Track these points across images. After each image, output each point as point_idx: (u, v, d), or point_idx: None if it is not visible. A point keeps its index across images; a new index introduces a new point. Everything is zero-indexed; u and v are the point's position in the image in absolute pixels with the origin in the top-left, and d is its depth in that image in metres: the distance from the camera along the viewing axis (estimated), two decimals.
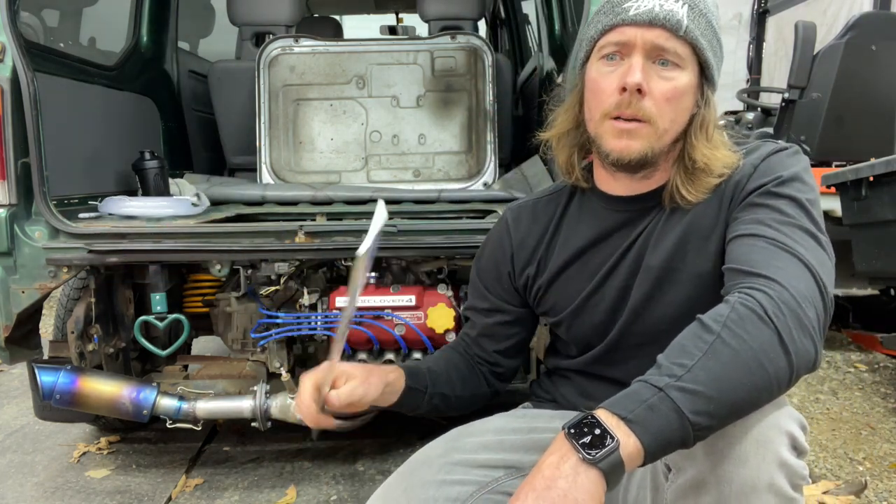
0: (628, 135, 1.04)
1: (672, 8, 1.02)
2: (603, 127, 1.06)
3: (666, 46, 1.02)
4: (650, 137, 1.04)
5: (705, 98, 1.07)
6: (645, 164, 1.07)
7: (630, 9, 1.03)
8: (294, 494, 2.03)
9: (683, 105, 1.05)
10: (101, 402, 1.85)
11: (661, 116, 1.03)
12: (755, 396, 0.83)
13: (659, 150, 1.06)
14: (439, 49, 2.67)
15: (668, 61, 1.03)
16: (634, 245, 1.13)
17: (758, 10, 5.94)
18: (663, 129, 1.04)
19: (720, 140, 1.09)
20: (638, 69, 1.01)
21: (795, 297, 0.86)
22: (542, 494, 0.78)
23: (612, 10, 1.05)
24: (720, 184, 1.07)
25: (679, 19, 1.01)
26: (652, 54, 1.03)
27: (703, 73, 1.07)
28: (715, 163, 1.06)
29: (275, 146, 2.69)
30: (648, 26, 1.02)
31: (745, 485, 0.85)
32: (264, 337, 1.93)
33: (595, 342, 1.18)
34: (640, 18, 1.02)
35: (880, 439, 2.38)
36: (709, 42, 1.05)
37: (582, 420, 0.81)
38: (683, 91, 1.04)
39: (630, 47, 1.03)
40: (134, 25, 2.78)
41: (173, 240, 1.81)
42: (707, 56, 1.05)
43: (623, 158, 1.05)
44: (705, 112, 1.07)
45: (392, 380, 1.11)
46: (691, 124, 1.07)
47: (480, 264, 1.30)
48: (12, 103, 1.72)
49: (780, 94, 3.60)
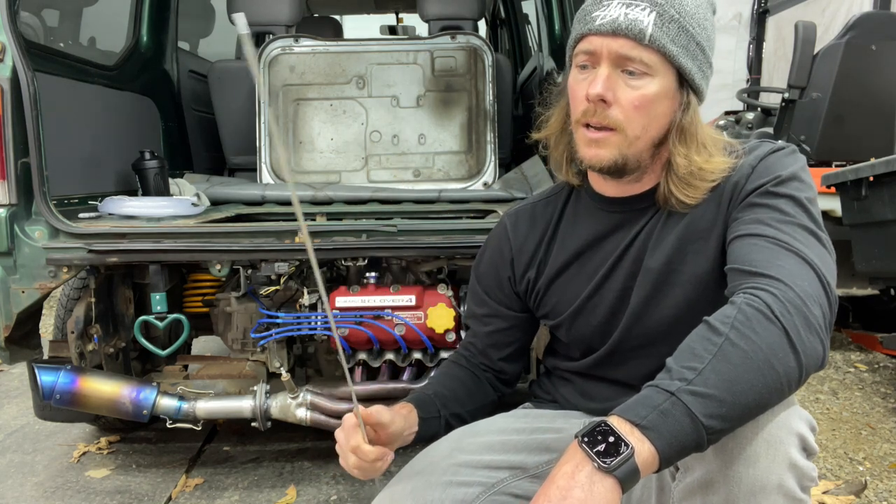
0: (596, 144, 1.05)
1: (637, 17, 1.01)
2: (578, 134, 1.08)
3: (631, 55, 1.02)
4: (619, 145, 1.04)
5: (684, 104, 1.06)
6: (623, 170, 1.07)
7: (596, 19, 1.03)
8: (294, 494, 2.03)
9: (657, 112, 1.04)
10: (101, 402, 1.85)
11: (629, 124, 1.03)
12: (766, 397, 0.82)
13: (633, 155, 1.05)
14: (439, 49, 2.68)
15: (634, 71, 1.02)
16: (632, 246, 1.13)
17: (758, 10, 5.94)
18: (633, 135, 1.04)
19: (714, 142, 1.08)
20: (600, 80, 1.02)
21: (801, 295, 0.86)
22: None
23: (584, 19, 1.06)
24: (718, 185, 1.06)
25: (642, 28, 1.00)
26: (619, 63, 1.03)
27: (683, 78, 1.05)
28: (704, 167, 1.05)
29: (275, 146, 2.69)
30: (612, 36, 1.02)
31: (755, 485, 0.85)
32: (264, 337, 1.93)
33: (595, 344, 1.18)
34: (604, 28, 1.02)
35: (880, 439, 2.38)
36: (682, 47, 1.03)
37: (595, 428, 0.81)
38: (653, 98, 1.03)
39: (597, 56, 1.04)
40: (134, 25, 2.78)
41: (173, 240, 1.81)
42: (680, 62, 1.03)
43: (594, 165, 1.07)
44: (683, 118, 1.06)
45: (406, 413, 1.11)
46: (671, 130, 1.06)
47: (479, 270, 1.30)
48: (12, 103, 1.72)
49: (780, 94, 3.60)
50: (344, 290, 1.93)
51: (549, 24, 2.84)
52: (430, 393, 1.21)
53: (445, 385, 1.24)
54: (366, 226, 1.88)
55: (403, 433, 1.09)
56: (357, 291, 1.90)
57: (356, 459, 0.99)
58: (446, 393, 1.22)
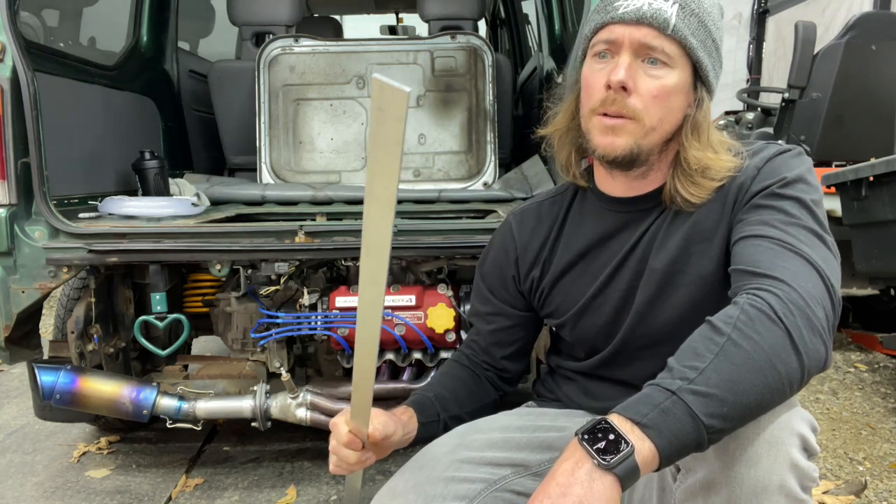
0: (613, 131, 1.04)
1: (660, 6, 1.02)
2: (591, 122, 1.07)
3: (653, 45, 1.02)
4: (635, 134, 1.04)
5: (698, 99, 1.07)
6: (634, 161, 1.07)
7: (619, 7, 1.04)
8: (294, 494, 2.03)
9: (673, 104, 1.05)
10: (101, 402, 1.85)
11: (647, 113, 1.03)
12: (767, 398, 0.82)
13: (647, 147, 1.05)
14: (439, 49, 2.68)
15: (656, 60, 1.03)
16: (637, 247, 1.13)
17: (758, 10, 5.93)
18: (650, 126, 1.04)
19: (720, 143, 1.09)
20: (623, 67, 1.02)
21: (804, 297, 0.86)
22: (557, 502, 0.77)
23: (604, 9, 1.06)
24: (723, 185, 1.06)
25: (666, 18, 1.01)
26: (640, 52, 1.03)
27: (698, 74, 1.06)
28: (711, 165, 1.06)
29: (275, 146, 2.69)
30: (636, 24, 1.02)
31: (756, 486, 0.85)
32: (264, 337, 1.93)
33: (600, 345, 1.18)
34: (627, 17, 1.02)
35: (880, 439, 2.38)
36: (701, 42, 1.04)
37: (595, 425, 0.81)
38: (672, 90, 1.04)
39: (618, 45, 1.04)
40: (134, 25, 2.78)
41: (173, 240, 1.81)
42: (699, 55, 1.04)
43: (609, 154, 1.06)
44: (697, 114, 1.07)
45: (406, 419, 1.12)
46: (684, 125, 1.07)
47: (484, 269, 1.30)
48: (12, 103, 1.72)
49: (780, 94, 3.60)
50: (344, 290, 1.93)
51: (549, 24, 2.84)
52: (430, 395, 1.21)
53: (446, 386, 1.25)
54: None
55: (402, 438, 1.10)
56: (357, 291, 1.90)
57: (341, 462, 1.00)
58: (446, 394, 1.22)
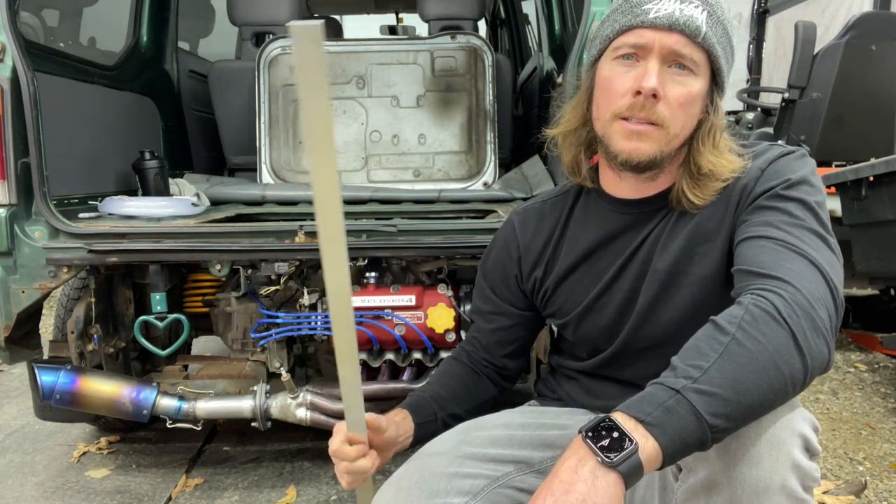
0: (638, 137, 1.03)
1: (692, 13, 1.01)
2: (612, 127, 1.06)
3: (683, 52, 1.01)
4: (660, 141, 1.03)
5: (714, 105, 1.07)
6: (652, 167, 1.07)
7: (650, 11, 1.02)
8: (294, 494, 2.03)
9: (694, 111, 1.05)
10: (101, 402, 1.85)
11: (673, 121, 1.03)
12: (770, 398, 0.82)
13: (668, 153, 1.05)
14: (439, 49, 2.67)
15: (684, 66, 1.02)
16: (641, 248, 1.13)
17: (758, 10, 5.93)
18: (674, 133, 1.04)
19: (726, 144, 1.09)
20: (654, 74, 1.01)
21: (808, 298, 0.86)
22: (561, 499, 0.77)
23: (631, 11, 1.04)
24: (726, 187, 1.06)
25: (698, 25, 1.01)
26: (668, 59, 1.02)
27: (715, 80, 1.06)
28: (720, 168, 1.06)
29: (275, 146, 2.69)
30: (667, 31, 1.01)
31: (758, 486, 0.85)
32: (264, 337, 1.93)
33: (602, 345, 1.18)
34: (659, 22, 1.01)
35: (880, 439, 2.38)
36: (724, 50, 1.05)
37: (599, 423, 0.81)
38: (696, 97, 1.04)
39: (647, 50, 1.02)
40: (134, 25, 2.78)
41: (173, 240, 1.81)
42: (721, 64, 1.05)
43: (632, 160, 1.05)
44: (714, 119, 1.07)
45: (399, 420, 1.12)
46: (699, 130, 1.07)
47: (486, 267, 1.30)
48: (12, 103, 1.72)
49: (780, 94, 3.60)
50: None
51: (549, 24, 2.84)
52: (426, 396, 1.22)
53: (444, 385, 1.25)
54: (366, 226, 1.88)
55: (398, 439, 1.10)
56: (357, 291, 1.90)
57: (343, 464, 0.99)
58: (444, 393, 1.23)
